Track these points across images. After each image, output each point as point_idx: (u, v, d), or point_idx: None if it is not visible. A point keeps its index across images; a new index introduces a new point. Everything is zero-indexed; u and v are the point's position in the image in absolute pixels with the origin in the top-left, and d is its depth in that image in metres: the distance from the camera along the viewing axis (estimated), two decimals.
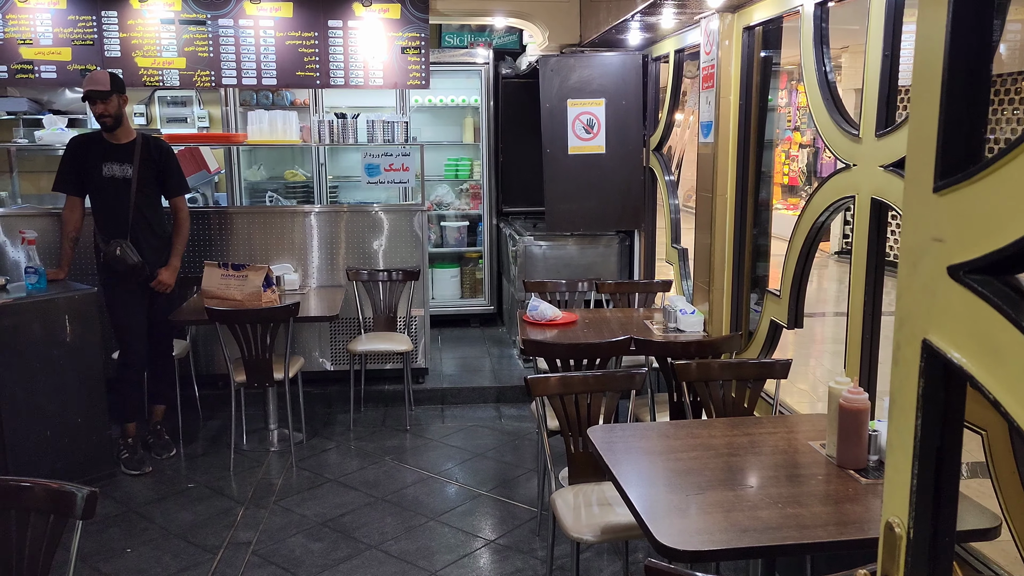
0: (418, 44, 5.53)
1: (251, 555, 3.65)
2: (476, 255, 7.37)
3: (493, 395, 5.69)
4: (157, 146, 4.60)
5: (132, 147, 4.49)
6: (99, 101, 4.33)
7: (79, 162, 4.49)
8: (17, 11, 5.26)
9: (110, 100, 4.34)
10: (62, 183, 4.56)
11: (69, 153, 4.54)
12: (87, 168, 4.48)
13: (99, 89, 4.31)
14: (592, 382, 3.11)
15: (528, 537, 3.82)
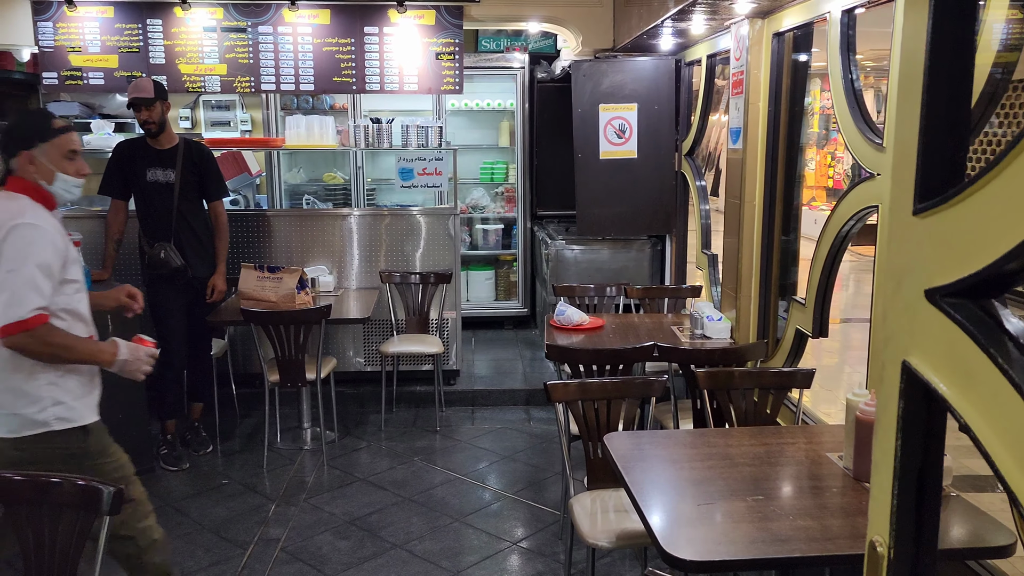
0: (452, 50, 5.59)
1: (280, 551, 3.74)
2: (510, 258, 7.41)
3: (523, 398, 5.73)
4: (198, 150, 4.74)
5: (175, 152, 4.63)
6: (144, 108, 4.47)
7: (124, 167, 4.66)
8: (67, 20, 5.45)
9: (154, 107, 4.48)
10: (107, 186, 4.72)
11: (114, 158, 4.71)
12: (132, 173, 4.65)
13: (144, 96, 4.46)
14: (611, 388, 3.13)
15: (551, 541, 3.86)
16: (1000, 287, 1.02)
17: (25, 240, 2.46)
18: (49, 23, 5.43)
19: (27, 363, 2.52)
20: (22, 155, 2.60)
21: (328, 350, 5.45)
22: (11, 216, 2.48)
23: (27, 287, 2.44)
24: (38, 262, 2.46)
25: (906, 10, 1.15)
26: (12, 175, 2.62)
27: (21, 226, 2.47)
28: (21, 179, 2.60)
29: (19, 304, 2.42)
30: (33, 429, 2.55)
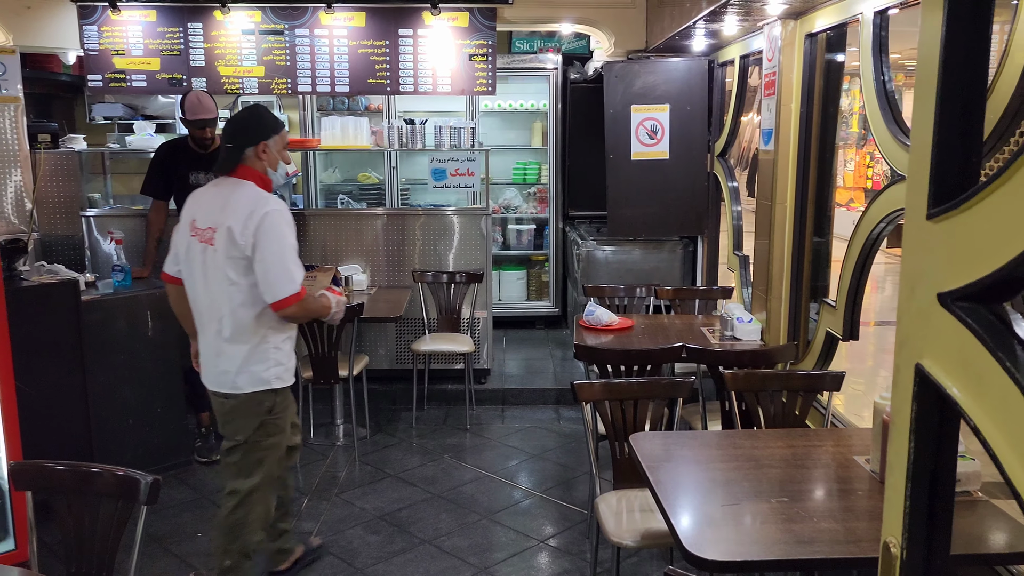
0: (485, 51, 5.64)
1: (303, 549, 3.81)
2: (542, 258, 7.44)
3: (553, 397, 5.75)
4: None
5: (217, 156, 4.70)
6: (209, 127, 4.61)
7: (167, 168, 4.79)
8: (111, 23, 5.59)
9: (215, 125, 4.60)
10: (150, 187, 4.86)
11: (157, 159, 4.83)
12: (174, 175, 4.77)
13: (211, 117, 4.59)
14: (637, 389, 3.15)
15: (579, 539, 3.88)
16: (1011, 291, 1.03)
17: (277, 223, 2.91)
18: (94, 27, 5.58)
19: (262, 328, 2.97)
20: (258, 146, 2.98)
21: (361, 348, 5.53)
22: (259, 204, 2.91)
23: (292, 264, 2.92)
24: (291, 242, 2.96)
25: (922, 14, 1.16)
26: (243, 164, 2.99)
27: (272, 212, 2.90)
28: (251, 168, 3.00)
29: (290, 281, 2.90)
30: (256, 386, 2.99)
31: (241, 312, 2.94)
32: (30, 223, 5.30)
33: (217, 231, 2.92)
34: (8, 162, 5.20)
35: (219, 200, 2.97)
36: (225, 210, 2.93)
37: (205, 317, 3.03)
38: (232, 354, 2.96)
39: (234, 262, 2.90)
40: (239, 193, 2.95)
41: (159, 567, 3.61)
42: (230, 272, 2.91)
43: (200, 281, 2.99)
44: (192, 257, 3.02)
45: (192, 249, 3.02)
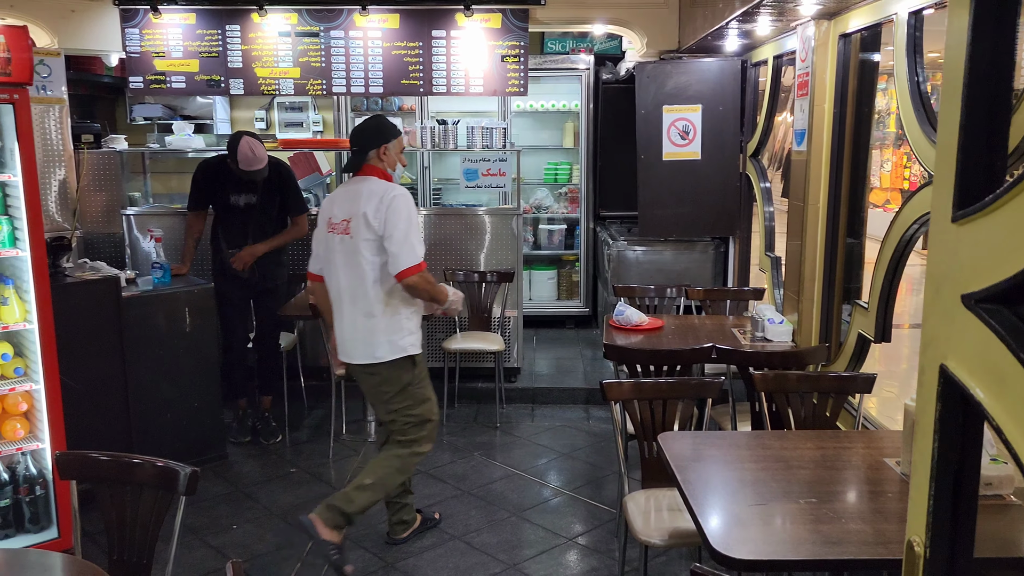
0: (518, 52, 5.67)
1: (343, 538, 3.87)
2: (573, 258, 7.46)
3: (583, 396, 5.77)
4: (278, 171, 4.90)
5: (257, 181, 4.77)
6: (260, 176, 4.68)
7: (208, 188, 4.91)
8: (152, 27, 5.72)
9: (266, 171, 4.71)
10: (194, 205, 5.00)
11: (200, 179, 4.96)
12: (215, 194, 4.88)
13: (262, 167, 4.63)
14: (666, 388, 3.16)
15: (607, 538, 3.90)
16: None
17: (404, 204, 3.34)
18: (136, 30, 5.71)
19: (394, 302, 3.40)
20: (379, 148, 3.45)
21: None
22: (388, 190, 3.36)
23: (416, 240, 3.34)
24: (415, 221, 3.38)
25: (949, 15, 1.17)
26: (367, 163, 3.46)
27: (399, 196, 3.35)
28: (374, 166, 3.46)
29: (414, 253, 3.31)
30: (394, 354, 3.42)
31: (377, 289, 3.38)
32: (73, 221, 5.45)
33: (352, 220, 3.38)
34: (53, 161, 5.34)
35: (350, 195, 3.44)
36: (357, 201, 3.37)
37: (346, 300, 3.45)
38: (373, 328, 3.40)
39: (368, 244, 3.35)
40: (368, 186, 3.41)
41: (195, 557, 3.70)
42: (366, 253, 3.35)
43: (341, 268, 3.43)
44: (331, 249, 3.47)
45: (331, 243, 3.48)
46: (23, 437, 3.57)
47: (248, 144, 4.59)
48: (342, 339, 3.53)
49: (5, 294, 3.46)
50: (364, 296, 3.39)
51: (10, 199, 3.47)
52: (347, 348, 3.51)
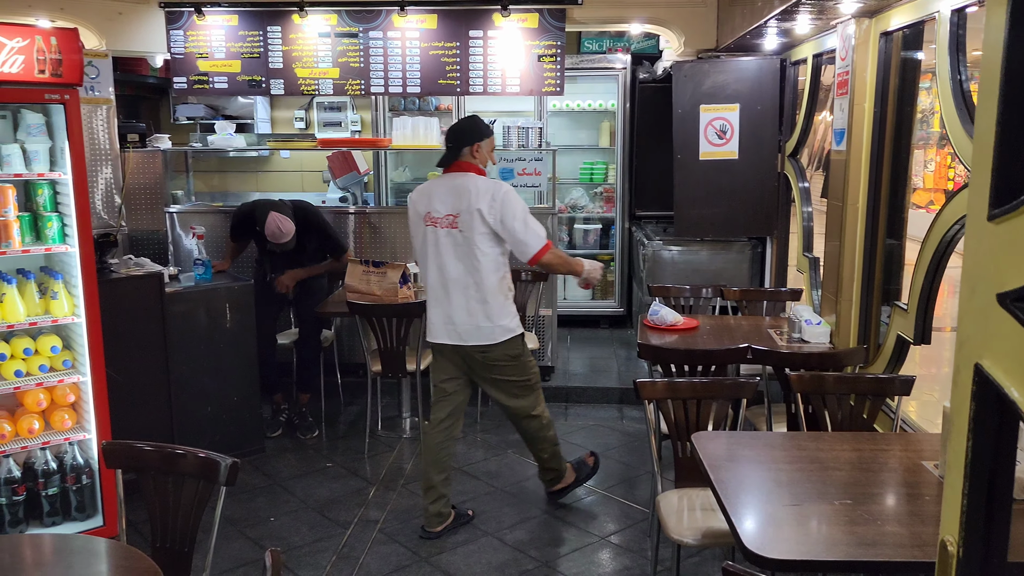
0: (554, 52, 5.69)
1: (378, 532, 3.93)
2: (608, 257, 7.45)
3: (617, 396, 5.77)
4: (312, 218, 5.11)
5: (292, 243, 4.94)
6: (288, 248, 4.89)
7: (247, 231, 5.10)
8: (196, 28, 5.84)
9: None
10: (235, 235, 5.20)
11: (236, 225, 5.15)
12: (255, 237, 5.09)
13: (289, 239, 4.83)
14: (700, 388, 3.15)
15: (640, 537, 3.90)
16: None
17: (514, 197, 3.63)
18: (180, 31, 5.83)
19: (503, 287, 3.73)
20: (472, 146, 3.70)
21: (428, 343, 5.63)
22: (496, 187, 3.64)
23: (535, 225, 3.65)
24: (526, 207, 3.66)
25: (987, 13, 1.17)
26: (460, 160, 3.71)
27: (508, 191, 3.64)
28: (468, 163, 3.71)
29: (539, 237, 3.65)
30: (505, 336, 3.73)
31: (492, 278, 3.67)
32: (119, 218, 5.58)
33: (461, 215, 3.62)
34: (100, 160, 5.48)
35: (452, 191, 3.67)
36: (464, 197, 3.62)
37: (454, 288, 3.70)
38: (489, 313, 3.68)
39: (484, 237, 3.62)
40: (470, 182, 3.65)
41: (234, 548, 3.78)
42: (483, 246, 3.63)
43: (448, 259, 3.69)
44: (434, 242, 3.72)
45: (431, 236, 3.72)
46: (70, 428, 3.68)
47: (275, 220, 4.77)
48: (448, 322, 3.75)
49: (55, 288, 3.57)
50: (479, 285, 3.67)
51: (60, 197, 3.57)
52: (460, 332, 3.75)
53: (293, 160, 7.81)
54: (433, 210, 3.70)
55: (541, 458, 4.13)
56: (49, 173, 3.51)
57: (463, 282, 3.68)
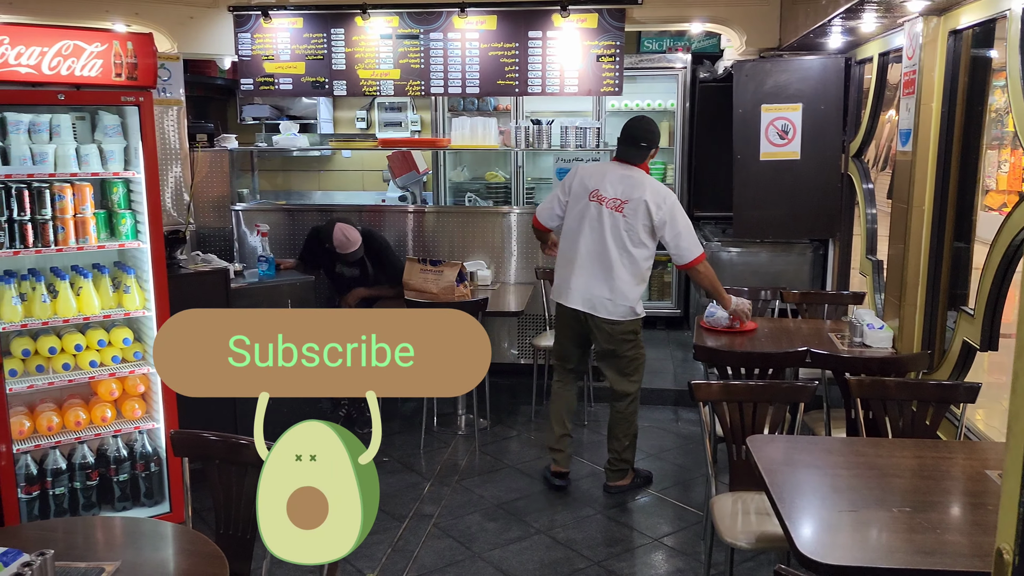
0: (613, 52, 5.68)
1: (432, 527, 3.99)
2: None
3: (672, 398, 5.73)
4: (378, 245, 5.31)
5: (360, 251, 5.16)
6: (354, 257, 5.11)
7: (317, 254, 5.28)
8: (263, 31, 6.00)
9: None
10: (303, 262, 5.35)
11: (309, 244, 5.35)
12: (323, 261, 5.29)
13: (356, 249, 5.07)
14: (756, 391, 3.12)
15: (693, 540, 3.88)
16: None
17: (679, 206, 4.03)
18: (248, 34, 6.00)
19: (642, 273, 4.08)
20: (654, 149, 4.16)
21: None
22: (665, 191, 4.04)
23: (695, 234, 4.04)
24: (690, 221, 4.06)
25: None
26: (643, 162, 4.13)
27: (675, 199, 4.03)
28: (646, 164, 4.14)
29: (698, 245, 4.04)
30: (631, 316, 4.12)
31: (636, 265, 4.05)
32: (187, 216, 5.77)
33: (630, 203, 3.98)
34: (170, 160, 5.67)
35: (625, 180, 4.03)
36: (638, 189, 3.99)
37: (597, 263, 4.07)
38: (623, 292, 4.05)
39: (644, 229, 4.00)
40: (644, 179, 4.04)
41: None
42: (640, 235, 4.01)
43: (606, 236, 4.03)
44: (597, 216, 4.06)
45: (591, 211, 4.08)
46: (140, 417, 3.83)
47: (341, 231, 5.03)
48: (586, 291, 4.10)
49: (127, 283, 3.72)
50: (622, 266, 4.02)
51: (133, 195, 3.72)
52: (593, 302, 4.09)
53: (354, 159, 7.96)
54: (603, 189, 4.05)
55: (619, 447, 4.30)
56: (123, 172, 3.66)
57: (605, 259, 4.03)
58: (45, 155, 3.47)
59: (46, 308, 3.51)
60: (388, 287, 5.30)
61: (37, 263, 3.67)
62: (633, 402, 4.30)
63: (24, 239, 3.42)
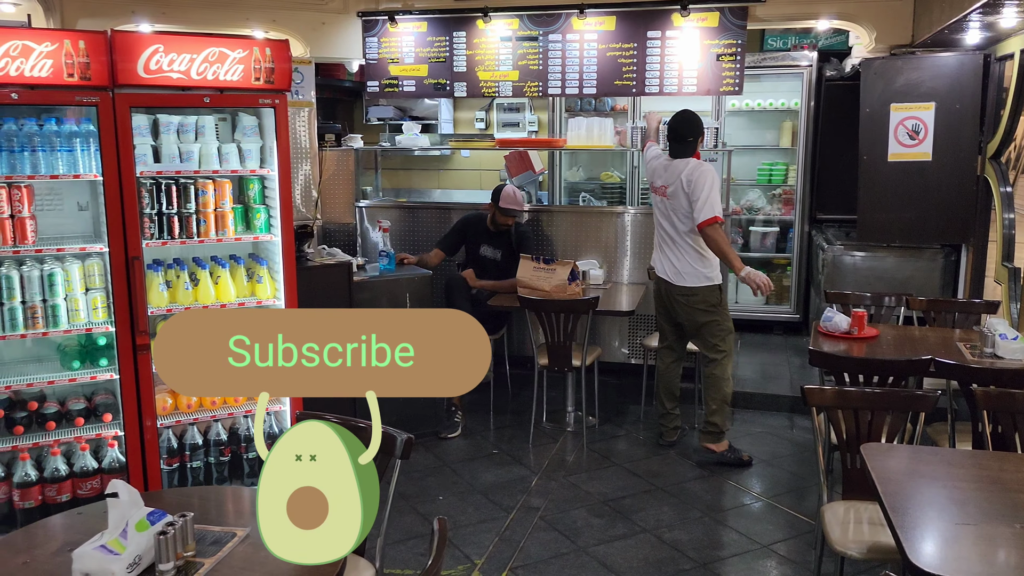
0: (734, 51, 5.59)
1: (539, 519, 4.07)
2: (784, 262, 7.21)
3: (787, 404, 5.59)
4: (520, 233, 5.57)
5: (507, 234, 5.48)
6: (515, 216, 5.40)
7: (465, 238, 5.57)
8: (389, 35, 6.24)
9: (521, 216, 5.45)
10: (444, 245, 5.59)
11: (459, 228, 5.62)
12: (469, 244, 5.55)
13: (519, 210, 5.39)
14: (873, 399, 3.03)
15: (805, 549, 3.79)
16: None
17: (708, 174, 4.45)
18: (375, 38, 6.26)
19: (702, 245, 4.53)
20: (700, 137, 4.63)
21: (594, 339, 5.73)
22: (696, 164, 4.52)
23: (715, 200, 4.44)
24: (717, 186, 4.50)
25: None
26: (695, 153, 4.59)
27: (705, 168, 4.48)
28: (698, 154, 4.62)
29: (713, 208, 4.41)
30: (704, 283, 4.59)
31: (692, 236, 4.54)
32: (315, 211, 6.07)
33: (671, 187, 4.56)
34: (300, 158, 5.99)
35: (671, 168, 4.60)
36: (672, 172, 4.56)
37: (668, 242, 4.67)
38: (691, 261, 4.58)
39: (688, 202, 4.47)
40: (686, 162, 4.53)
41: (405, 521, 4.04)
42: (686, 209, 4.50)
43: (664, 219, 4.68)
44: (656, 205, 4.76)
45: (654, 201, 4.76)
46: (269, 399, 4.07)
47: (512, 189, 5.40)
48: (666, 267, 4.70)
49: (260, 273, 3.97)
50: (682, 240, 4.57)
51: (267, 191, 3.97)
52: (671, 276, 4.66)
53: (472, 159, 8.16)
54: (656, 181, 4.74)
55: (709, 408, 4.72)
56: (259, 170, 3.91)
57: (672, 237, 4.63)
58: (191, 153, 3.76)
59: (188, 295, 3.80)
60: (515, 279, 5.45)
61: (181, 253, 3.98)
62: (719, 365, 4.66)
63: (171, 231, 3.71)
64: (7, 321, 3.43)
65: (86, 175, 3.50)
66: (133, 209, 3.52)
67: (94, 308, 3.60)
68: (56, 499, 3.51)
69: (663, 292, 4.76)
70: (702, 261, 4.58)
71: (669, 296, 4.71)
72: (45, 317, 3.50)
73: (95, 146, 3.46)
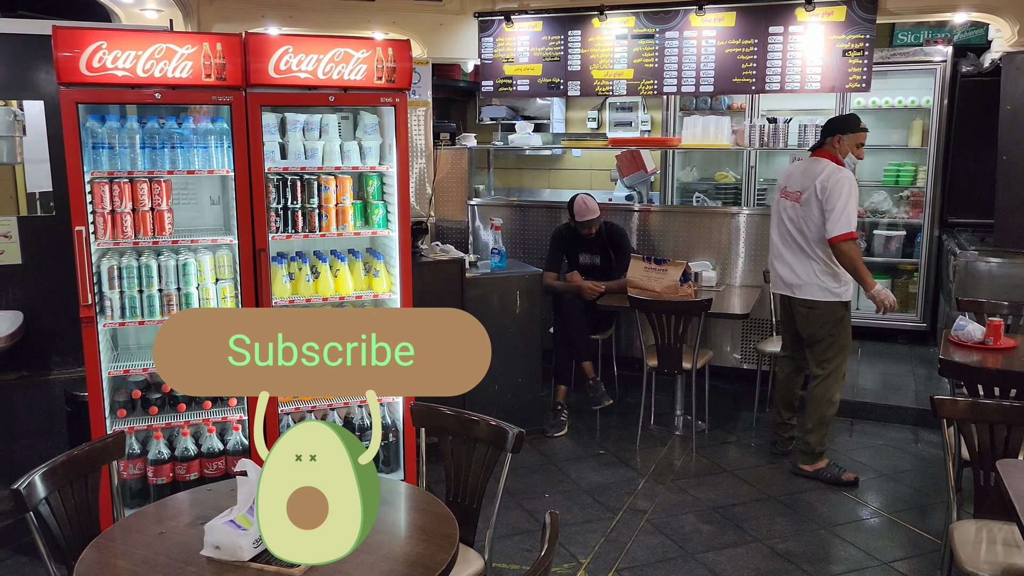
0: (861, 46, 5.36)
1: (645, 522, 4.02)
2: (911, 267, 6.85)
3: (912, 417, 5.32)
4: (614, 233, 5.54)
5: (599, 239, 5.47)
6: (594, 226, 5.37)
7: (562, 248, 5.59)
8: (504, 35, 6.30)
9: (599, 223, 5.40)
10: (549, 265, 5.60)
11: (556, 243, 5.63)
12: (569, 255, 5.58)
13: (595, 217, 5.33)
14: (1012, 412, 2.84)
15: (928, 569, 3.60)
16: None
17: (845, 184, 4.17)
18: (490, 38, 6.33)
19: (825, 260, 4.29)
20: (833, 137, 4.32)
21: (705, 342, 5.60)
22: (833, 170, 4.23)
23: (851, 213, 4.16)
24: (855, 198, 4.20)
25: None
26: (823, 147, 4.35)
27: (843, 177, 4.19)
28: (827, 151, 4.34)
29: (849, 223, 4.15)
30: (829, 298, 4.33)
31: (823, 246, 4.27)
32: (429, 208, 6.21)
33: (805, 192, 4.29)
34: (416, 156, 6.13)
35: (804, 173, 4.34)
36: (808, 177, 4.29)
37: (784, 249, 4.46)
38: (817, 272, 4.32)
39: (819, 212, 4.22)
40: (820, 166, 4.28)
41: (512, 516, 4.07)
42: (816, 219, 4.25)
43: (790, 225, 4.40)
44: (784, 209, 4.45)
45: (783, 205, 4.46)
46: None
47: (582, 199, 5.35)
48: (785, 277, 4.46)
49: (376, 267, 4.08)
50: (812, 250, 4.31)
51: (386, 187, 4.08)
52: (793, 288, 4.43)
53: (583, 158, 8.14)
54: (789, 185, 4.44)
55: (805, 427, 4.48)
56: (378, 167, 4.02)
57: (798, 246, 4.36)
58: (315, 151, 3.90)
59: (309, 287, 3.94)
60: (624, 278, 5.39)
61: (303, 246, 4.13)
62: (822, 383, 4.41)
63: (295, 225, 3.86)
64: (146, 307, 3.65)
65: (219, 171, 3.69)
66: (261, 203, 3.68)
67: (223, 297, 3.79)
68: (185, 477, 3.71)
69: (786, 301, 4.58)
70: (832, 275, 4.31)
71: (792, 306, 4.52)
72: (179, 304, 3.70)
73: (228, 143, 3.64)
